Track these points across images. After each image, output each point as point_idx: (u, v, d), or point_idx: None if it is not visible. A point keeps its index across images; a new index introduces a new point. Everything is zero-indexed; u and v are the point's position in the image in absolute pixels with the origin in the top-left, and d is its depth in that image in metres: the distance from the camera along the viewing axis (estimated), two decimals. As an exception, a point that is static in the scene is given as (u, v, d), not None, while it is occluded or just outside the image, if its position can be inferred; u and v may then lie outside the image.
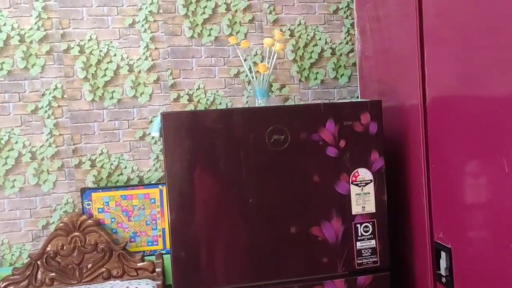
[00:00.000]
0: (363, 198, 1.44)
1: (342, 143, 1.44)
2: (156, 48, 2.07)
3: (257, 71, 1.88)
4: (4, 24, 1.95)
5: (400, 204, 1.54)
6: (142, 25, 2.05)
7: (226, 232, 1.41)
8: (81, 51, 2.01)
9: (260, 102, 1.73)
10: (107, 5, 2.02)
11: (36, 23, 1.97)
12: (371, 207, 1.45)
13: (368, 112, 1.45)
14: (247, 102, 2.12)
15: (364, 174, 1.45)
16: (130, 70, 2.05)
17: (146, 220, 2.01)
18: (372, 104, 1.46)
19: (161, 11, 2.06)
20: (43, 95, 1.98)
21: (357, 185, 1.44)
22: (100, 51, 2.02)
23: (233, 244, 1.42)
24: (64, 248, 1.89)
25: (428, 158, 1.41)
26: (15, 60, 1.96)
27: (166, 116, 1.38)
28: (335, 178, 1.45)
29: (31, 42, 1.97)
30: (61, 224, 1.90)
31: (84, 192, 1.96)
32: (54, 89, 1.99)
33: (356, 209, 1.45)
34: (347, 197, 1.45)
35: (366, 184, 1.45)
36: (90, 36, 2.01)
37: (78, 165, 2.01)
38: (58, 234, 1.90)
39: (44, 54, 1.98)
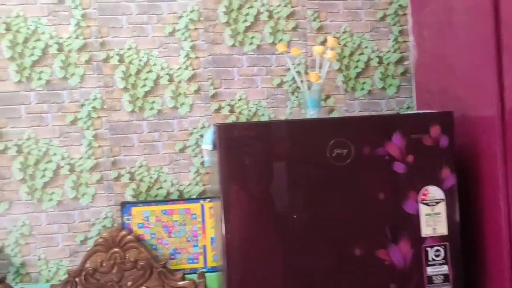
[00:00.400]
0: (433, 219, 1.28)
1: (410, 158, 1.29)
2: (196, 57, 1.93)
3: (308, 81, 1.73)
4: (43, 33, 1.84)
5: (475, 226, 1.37)
6: (183, 33, 1.92)
7: (286, 252, 1.26)
8: (121, 61, 1.89)
9: (312, 113, 1.58)
10: (147, 13, 1.90)
11: (75, 31, 1.86)
12: (442, 229, 1.28)
13: (438, 124, 1.29)
14: (290, 113, 1.98)
15: (434, 192, 1.28)
16: (170, 80, 1.92)
17: (186, 236, 1.86)
18: (443, 115, 1.30)
19: (201, 18, 1.93)
20: (82, 105, 1.86)
21: (426, 204, 1.28)
22: (140, 60, 1.90)
23: (292, 265, 1.26)
24: (104, 264, 1.76)
25: (507, 175, 1.24)
26: (53, 70, 1.85)
27: (221, 128, 1.24)
28: (402, 196, 1.28)
29: (69, 51, 1.86)
30: (101, 240, 1.77)
31: (124, 206, 1.83)
32: (94, 99, 1.87)
33: (426, 230, 1.28)
34: (416, 217, 1.29)
35: (437, 203, 1.28)
36: (130, 45, 1.89)
37: (117, 178, 1.88)
38: (97, 250, 1.76)
39: (83, 64, 1.87)
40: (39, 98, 1.83)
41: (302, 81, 1.67)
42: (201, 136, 1.92)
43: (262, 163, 1.26)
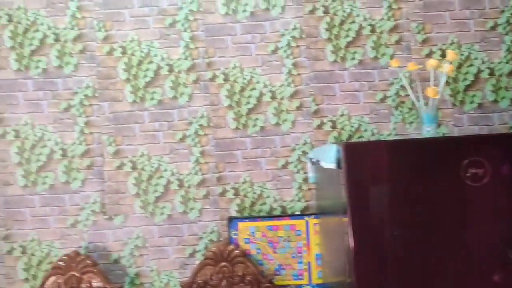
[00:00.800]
0: None
1: (554, 179, 1.18)
2: (298, 74, 1.92)
3: (424, 95, 1.64)
4: (155, 55, 1.91)
5: None
6: (285, 51, 1.92)
7: (420, 274, 1.20)
8: (226, 79, 1.92)
9: (428, 130, 1.50)
10: (250, 32, 1.92)
11: (184, 53, 1.92)
12: None
13: None
14: (394, 128, 1.90)
15: None
16: (273, 97, 1.92)
17: (291, 252, 1.84)
18: None
19: (303, 36, 1.92)
20: (190, 123, 1.91)
21: None
22: (244, 78, 1.92)
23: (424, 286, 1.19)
24: (213, 278, 1.77)
25: None
26: (164, 90, 1.92)
27: (349, 147, 1.20)
28: (546, 220, 1.18)
29: (179, 72, 1.92)
30: (210, 254, 1.79)
31: (231, 221, 1.85)
32: (200, 117, 1.91)
33: None
34: (562, 243, 1.17)
35: None
36: (234, 64, 1.92)
37: (223, 194, 1.90)
38: (207, 264, 1.79)
39: (191, 83, 1.92)
40: (152, 117, 1.91)
41: (417, 96, 1.59)
42: (303, 152, 1.90)
43: (390, 181, 1.21)
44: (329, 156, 1.30)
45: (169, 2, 1.91)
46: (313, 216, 1.83)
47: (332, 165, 1.27)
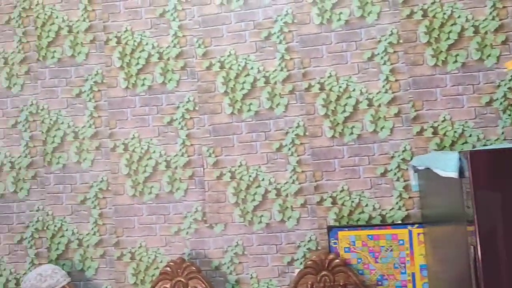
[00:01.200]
0: None
1: None
2: (396, 80, 1.89)
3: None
4: (252, 68, 1.97)
5: None
6: (381, 57, 1.90)
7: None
8: (321, 89, 1.93)
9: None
10: (346, 40, 1.92)
11: (279, 64, 1.96)
12: None
13: None
14: (502, 133, 1.80)
15: None
16: (370, 104, 1.90)
17: (394, 262, 1.79)
18: None
19: (401, 41, 1.88)
20: (287, 133, 1.94)
21: None
22: (339, 87, 1.92)
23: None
24: (314, 287, 1.77)
25: None
26: (261, 101, 1.97)
27: (475, 156, 1.16)
28: None
29: (275, 83, 1.96)
30: (310, 262, 1.80)
31: (331, 230, 1.84)
32: (297, 127, 1.94)
33: None
34: None
35: None
36: (330, 73, 1.93)
37: (320, 202, 1.91)
38: (308, 272, 1.80)
39: (287, 94, 1.95)
40: (249, 128, 1.97)
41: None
42: (403, 159, 1.85)
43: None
44: (449, 165, 1.25)
45: (264, 16, 1.96)
46: (417, 225, 1.77)
47: (453, 174, 1.23)
